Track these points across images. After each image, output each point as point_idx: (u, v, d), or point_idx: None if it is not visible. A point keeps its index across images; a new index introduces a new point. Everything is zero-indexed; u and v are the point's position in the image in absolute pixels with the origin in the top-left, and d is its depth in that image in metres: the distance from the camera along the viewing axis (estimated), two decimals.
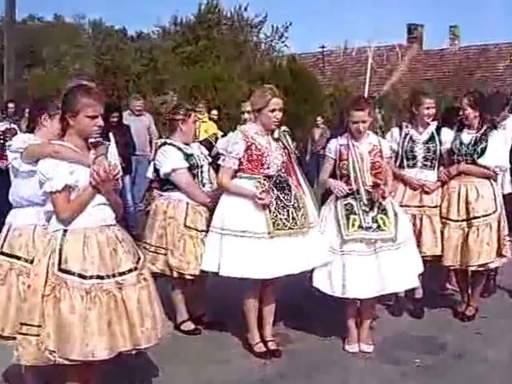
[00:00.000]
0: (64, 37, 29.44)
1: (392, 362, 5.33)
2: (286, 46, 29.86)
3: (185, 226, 5.68)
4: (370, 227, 5.40)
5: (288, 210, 5.27)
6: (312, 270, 5.47)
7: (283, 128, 5.62)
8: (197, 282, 5.86)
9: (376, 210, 5.45)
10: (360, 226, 5.39)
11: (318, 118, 17.06)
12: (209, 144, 6.93)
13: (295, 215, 5.29)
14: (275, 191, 5.26)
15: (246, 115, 6.35)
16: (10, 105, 11.49)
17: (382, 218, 5.44)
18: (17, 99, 13.18)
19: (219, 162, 5.41)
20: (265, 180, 5.28)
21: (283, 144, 5.48)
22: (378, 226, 5.41)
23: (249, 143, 5.28)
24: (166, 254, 5.68)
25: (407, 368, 5.24)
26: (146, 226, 5.94)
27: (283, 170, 5.39)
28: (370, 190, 5.47)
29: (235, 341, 5.72)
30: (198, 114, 8.76)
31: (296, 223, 5.29)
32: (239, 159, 5.29)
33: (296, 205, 5.33)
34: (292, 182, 5.43)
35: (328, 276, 5.44)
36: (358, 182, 5.46)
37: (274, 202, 5.23)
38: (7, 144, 4.50)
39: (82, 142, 4.06)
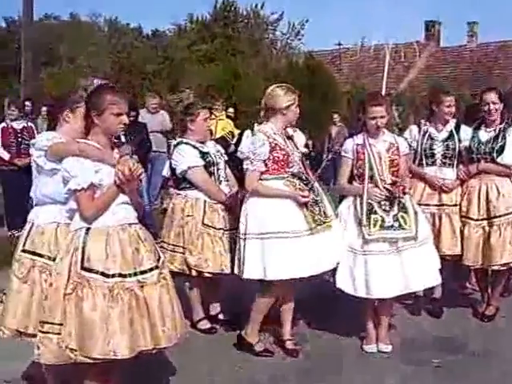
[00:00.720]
0: (80, 35, 29.50)
1: (411, 362, 5.27)
2: (302, 43, 29.89)
3: (203, 224, 5.65)
4: (392, 226, 5.34)
5: (318, 205, 5.27)
6: (334, 271, 5.44)
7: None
8: (213, 281, 5.84)
9: (396, 208, 5.39)
10: (381, 226, 5.33)
11: (335, 116, 16.95)
12: (225, 142, 6.89)
13: (324, 209, 5.30)
14: (305, 188, 5.25)
15: None
16: (27, 103, 11.52)
17: (402, 217, 5.38)
18: (33, 97, 13.22)
19: (245, 166, 5.27)
20: (293, 178, 5.25)
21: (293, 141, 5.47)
22: (400, 225, 5.35)
23: (272, 144, 5.23)
24: (183, 253, 5.66)
25: (426, 368, 5.18)
26: (164, 224, 5.92)
27: (301, 166, 5.37)
28: (390, 188, 5.41)
29: None
30: (216, 112, 8.72)
31: (326, 217, 5.30)
32: (264, 161, 5.23)
33: (320, 199, 5.33)
34: (310, 177, 5.41)
35: (351, 277, 5.40)
36: (375, 181, 5.41)
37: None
38: (31, 142, 4.48)
39: (107, 140, 4.06)
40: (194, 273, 5.66)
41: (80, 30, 31.00)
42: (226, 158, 5.97)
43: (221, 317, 6.09)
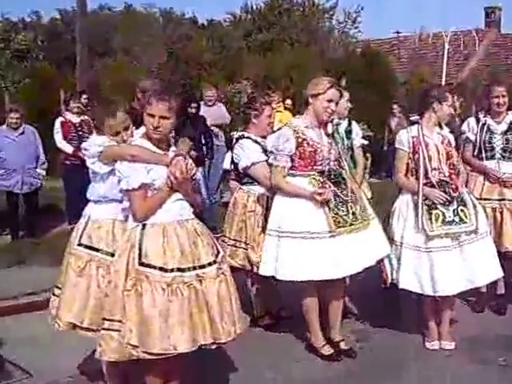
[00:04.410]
0: (135, 26, 29.64)
1: (475, 361, 5.18)
2: (359, 31, 29.56)
3: (265, 220, 5.59)
4: (453, 221, 5.25)
5: (347, 205, 5.05)
6: (398, 273, 5.33)
7: (336, 121, 5.55)
8: (275, 277, 5.79)
9: (456, 202, 5.29)
10: (443, 221, 5.23)
11: (395, 107, 16.63)
12: None
13: (355, 210, 5.08)
14: (332, 187, 5.04)
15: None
16: (84, 96, 11.49)
17: (462, 210, 5.29)
18: (88, 89, 13.28)
19: (270, 160, 5.19)
20: (319, 176, 5.06)
21: (334, 138, 5.33)
22: (461, 219, 5.26)
23: (299, 139, 5.05)
24: (245, 249, 5.63)
25: (491, 367, 5.09)
26: (225, 218, 5.88)
27: (336, 164, 5.19)
28: (447, 180, 5.31)
29: None
30: (273, 104, 8.63)
31: (356, 218, 5.08)
32: (291, 156, 5.07)
33: (354, 198, 5.13)
34: (346, 174, 5.24)
35: (416, 275, 5.29)
36: (430, 177, 5.29)
37: (333, 199, 5.00)
38: (82, 146, 4.50)
39: (158, 140, 4.07)
40: (255, 269, 5.60)
41: (135, 21, 31.13)
42: None
43: (282, 313, 6.07)
